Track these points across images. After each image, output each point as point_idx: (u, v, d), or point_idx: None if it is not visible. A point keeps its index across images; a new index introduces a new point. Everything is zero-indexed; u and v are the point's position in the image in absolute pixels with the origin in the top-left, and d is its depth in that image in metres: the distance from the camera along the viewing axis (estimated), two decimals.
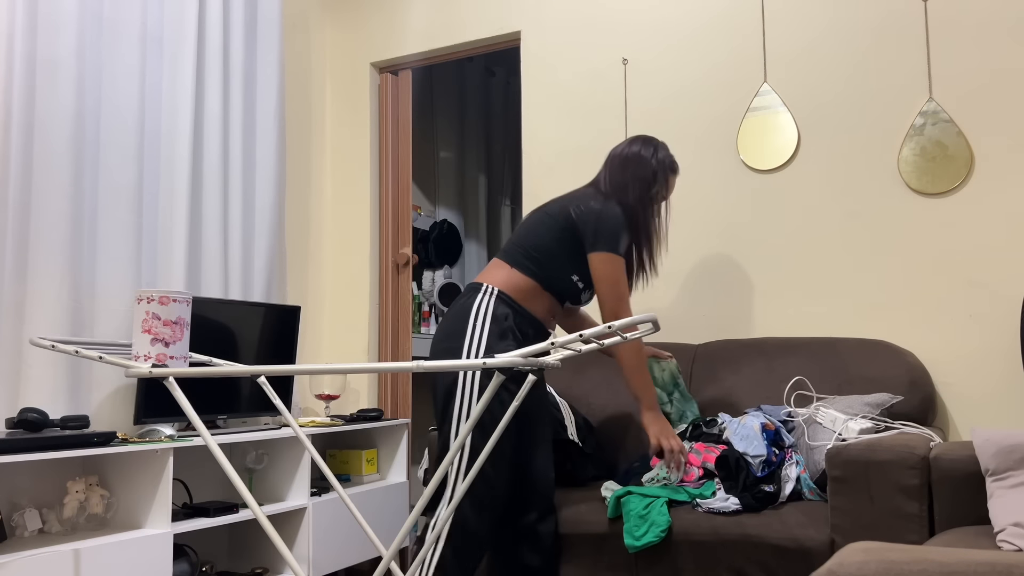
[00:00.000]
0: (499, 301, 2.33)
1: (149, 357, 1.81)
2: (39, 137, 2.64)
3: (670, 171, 2.50)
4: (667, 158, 2.50)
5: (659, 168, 2.46)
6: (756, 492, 2.29)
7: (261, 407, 3.15)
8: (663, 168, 2.47)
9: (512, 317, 2.32)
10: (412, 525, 1.69)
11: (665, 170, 2.48)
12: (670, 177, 2.50)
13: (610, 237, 2.35)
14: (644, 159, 2.46)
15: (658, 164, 2.46)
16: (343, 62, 4.05)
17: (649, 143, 2.50)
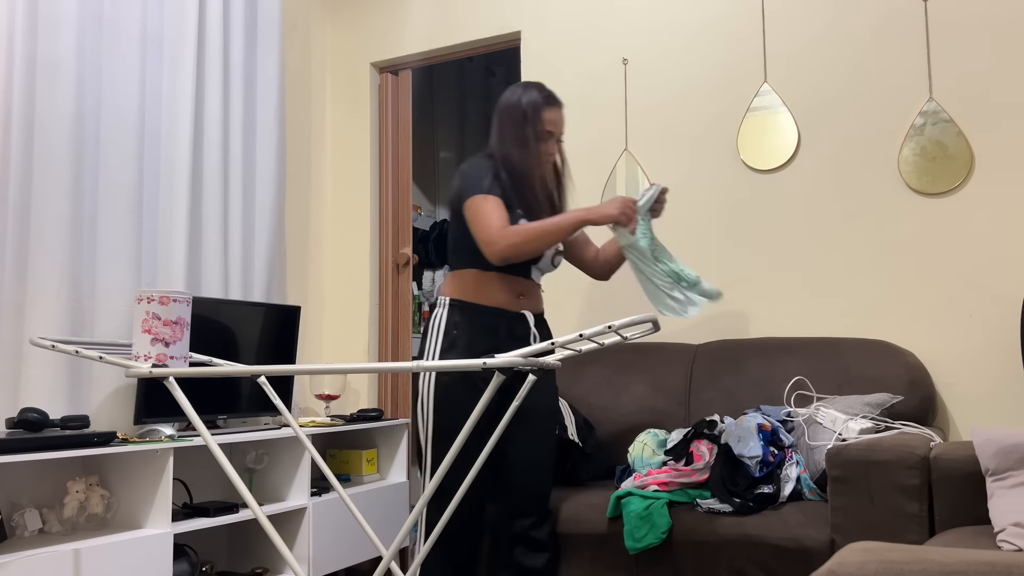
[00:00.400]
0: (450, 311, 2.35)
1: (149, 357, 1.81)
2: (39, 137, 2.64)
3: (542, 106, 2.40)
4: (536, 96, 2.42)
5: (528, 107, 2.39)
6: (752, 496, 2.28)
7: (261, 407, 3.15)
8: (532, 106, 2.40)
9: (461, 324, 2.32)
10: (412, 525, 1.69)
11: (535, 107, 2.40)
12: (543, 112, 2.40)
13: (470, 184, 2.33)
14: (512, 103, 2.42)
15: (527, 103, 2.40)
16: (343, 62, 4.04)
17: (519, 87, 2.45)
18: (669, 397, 2.88)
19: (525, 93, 2.43)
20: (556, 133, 2.43)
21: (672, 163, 3.24)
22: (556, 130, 2.43)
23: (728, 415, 2.74)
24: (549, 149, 2.43)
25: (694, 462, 2.43)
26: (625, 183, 3.32)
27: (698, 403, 2.83)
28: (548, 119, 2.41)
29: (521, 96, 2.43)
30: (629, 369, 2.99)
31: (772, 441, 2.41)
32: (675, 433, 2.63)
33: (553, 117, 2.43)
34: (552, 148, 2.44)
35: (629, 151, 3.32)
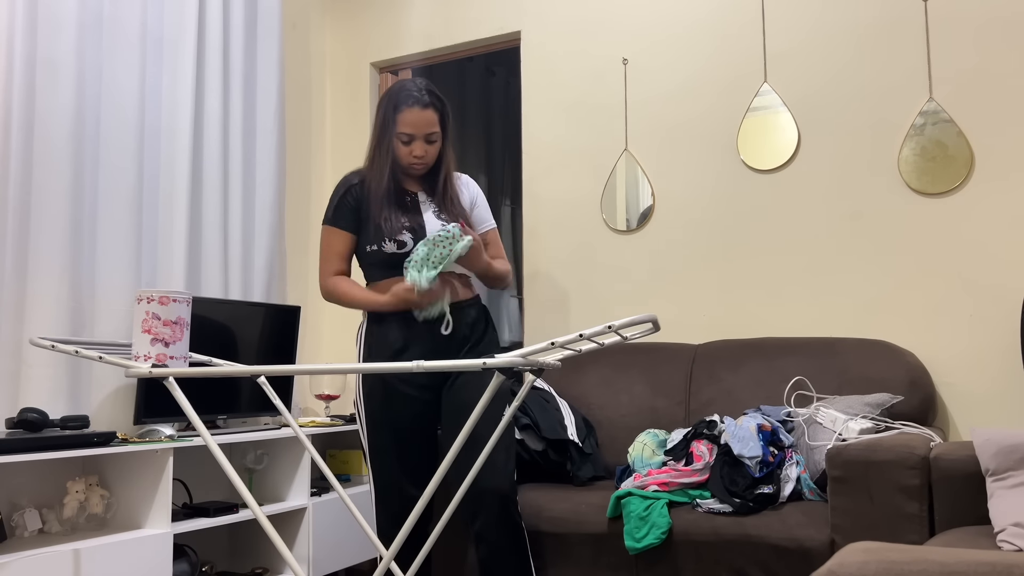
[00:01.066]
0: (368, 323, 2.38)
1: (149, 357, 1.81)
2: (39, 137, 2.64)
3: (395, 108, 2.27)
4: (394, 94, 2.29)
5: (385, 106, 2.30)
6: (752, 496, 2.28)
7: (261, 407, 3.15)
8: (387, 105, 2.29)
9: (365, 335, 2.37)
10: (412, 525, 1.69)
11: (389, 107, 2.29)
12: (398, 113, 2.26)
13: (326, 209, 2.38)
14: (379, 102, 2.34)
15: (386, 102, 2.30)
16: (343, 62, 4.04)
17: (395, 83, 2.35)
18: (669, 397, 2.88)
19: (391, 89, 2.32)
20: (417, 135, 2.28)
21: (672, 163, 3.24)
22: (416, 132, 2.27)
23: (728, 415, 2.74)
24: (414, 152, 2.29)
25: (694, 462, 2.43)
26: (625, 183, 3.32)
27: (698, 403, 2.83)
28: (403, 120, 2.26)
29: (386, 93, 2.33)
30: (629, 369, 2.99)
31: (772, 441, 2.41)
32: (675, 433, 2.63)
33: (410, 118, 2.26)
34: (418, 151, 2.29)
35: (629, 151, 3.32)
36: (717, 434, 2.46)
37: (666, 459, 2.54)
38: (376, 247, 2.31)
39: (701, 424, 2.54)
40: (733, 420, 2.49)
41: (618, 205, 3.33)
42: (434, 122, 2.29)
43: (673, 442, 2.57)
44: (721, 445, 2.42)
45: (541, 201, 3.50)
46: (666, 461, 2.53)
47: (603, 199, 3.35)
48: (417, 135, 2.28)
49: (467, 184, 2.52)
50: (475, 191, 2.52)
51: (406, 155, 2.31)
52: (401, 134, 2.28)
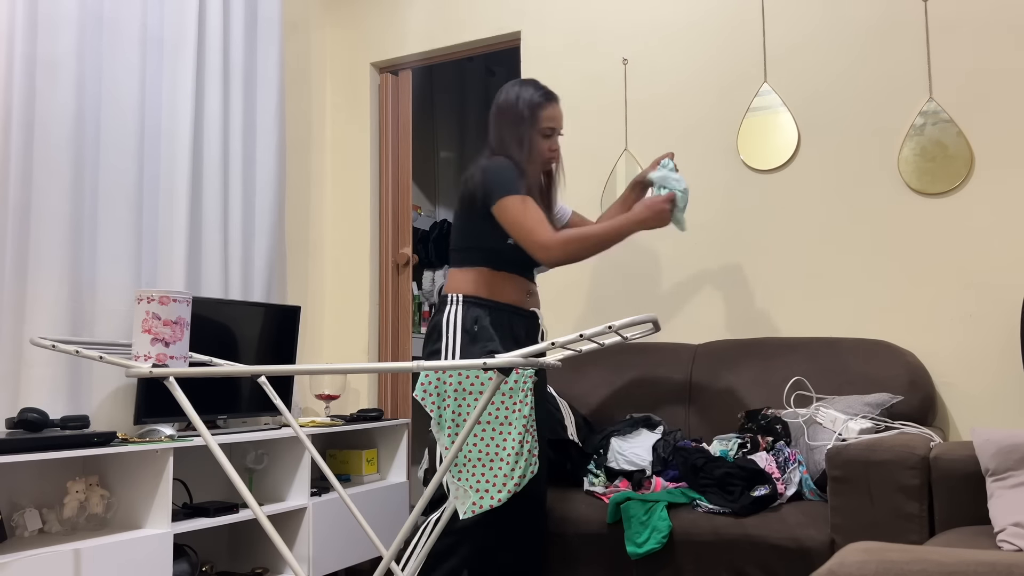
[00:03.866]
0: (467, 306, 2.30)
1: (149, 357, 1.81)
2: (39, 137, 2.64)
3: (538, 105, 2.39)
4: (532, 95, 2.40)
5: (525, 107, 2.39)
6: (749, 500, 2.28)
7: (261, 407, 3.15)
8: (529, 105, 2.39)
9: (483, 318, 2.29)
10: (412, 525, 1.69)
11: (532, 106, 2.39)
12: (540, 110, 2.39)
13: (499, 185, 2.28)
14: (509, 104, 2.40)
15: (524, 104, 2.39)
16: (343, 62, 4.04)
17: (515, 85, 2.43)
18: (669, 397, 2.88)
19: (522, 91, 2.41)
20: (556, 129, 2.42)
21: None
22: (556, 126, 2.42)
23: (728, 415, 2.75)
24: (551, 146, 2.42)
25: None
26: (625, 183, 3.32)
27: (698, 403, 2.83)
28: (547, 116, 2.40)
29: (519, 94, 2.41)
30: (629, 369, 2.99)
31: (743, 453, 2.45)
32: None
33: (552, 113, 2.41)
34: (554, 145, 2.43)
35: (629, 151, 3.32)
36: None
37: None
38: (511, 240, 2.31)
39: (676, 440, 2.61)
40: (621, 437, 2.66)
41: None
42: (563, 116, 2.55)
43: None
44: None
45: None
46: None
47: (603, 199, 3.35)
48: (558, 129, 2.42)
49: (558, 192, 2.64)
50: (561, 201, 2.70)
51: (545, 149, 2.42)
52: (545, 128, 2.40)
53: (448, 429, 2.19)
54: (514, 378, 2.17)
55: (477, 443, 2.17)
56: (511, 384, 2.17)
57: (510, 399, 2.16)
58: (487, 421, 2.16)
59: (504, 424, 2.15)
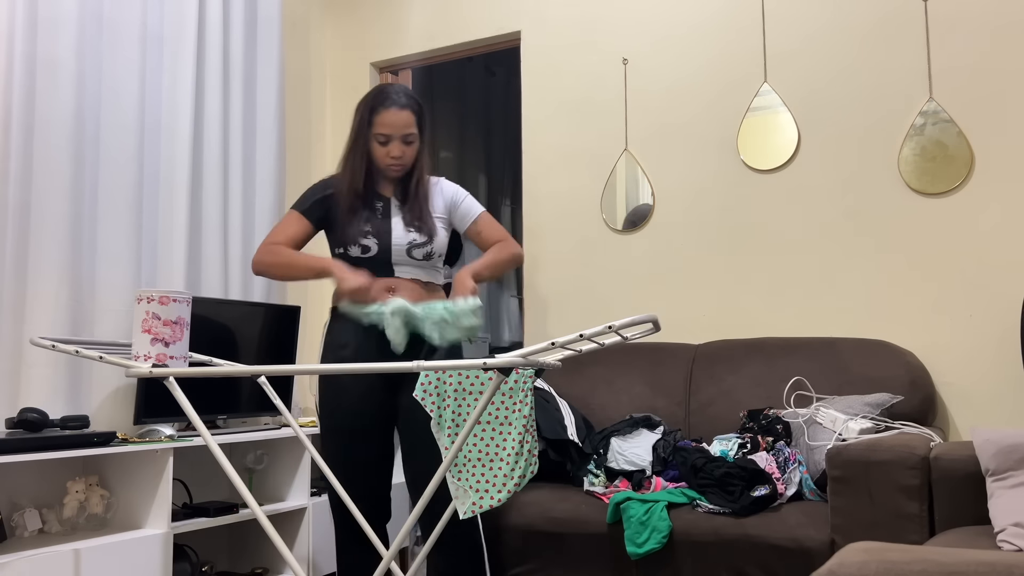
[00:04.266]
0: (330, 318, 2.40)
1: (149, 357, 1.81)
2: (39, 137, 2.64)
3: (372, 110, 2.31)
4: (371, 96, 2.34)
5: (361, 108, 2.34)
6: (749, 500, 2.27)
7: (261, 407, 3.15)
8: (364, 107, 2.33)
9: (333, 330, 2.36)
10: (412, 525, 1.69)
11: (366, 109, 2.33)
12: (374, 115, 2.31)
13: (298, 199, 2.42)
14: (355, 112, 2.37)
15: (362, 105, 2.34)
16: (343, 62, 4.04)
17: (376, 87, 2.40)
18: (669, 397, 2.88)
19: (368, 93, 2.37)
20: (394, 136, 2.31)
21: (672, 163, 3.24)
22: (391, 132, 2.30)
23: (728, 415, 2.75)
24: (390, 152, 2.32)
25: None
26: (625, 183, 3.32)
27: (698, 403, 2.83)
28: (379, 122, 2.30)
29: (363, 97, 2.37)
30: (629, 369, 2.99)
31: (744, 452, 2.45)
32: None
33: (386, 119, 2.30)
34: (395, 152, 2.32)
35: (629, 151, 3.32)
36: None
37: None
38: (342, 250, 2.34)
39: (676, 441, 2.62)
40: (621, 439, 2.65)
41: (618, 205, 3.33)
42: (411, 123, 2.32)
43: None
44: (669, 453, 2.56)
45: (541, 201, 3.50)
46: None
47: (603, 199, 3.35)
48: (394, 135, 2.30)
49: (443, 189, 2.48)
50: (452, 192, 2.49)
51: (383, 156, 2.33)
52: (379, 135, 2.31)
53: (448, 429, 2.19)
54: (514, 378, 2.17)
55: (477, 443, 2.17)
56: (511, 384, 2.17)
57: (510, 399, 2.16)
58: (487, 421, 2.16)
59: (504, 424, 2.16)
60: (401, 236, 2.33)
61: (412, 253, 2.35)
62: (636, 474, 2.54)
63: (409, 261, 2.36)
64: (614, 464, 2.60)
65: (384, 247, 2.32)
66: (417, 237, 2.36)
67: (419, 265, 2.38)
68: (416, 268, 2.38)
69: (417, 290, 2.36)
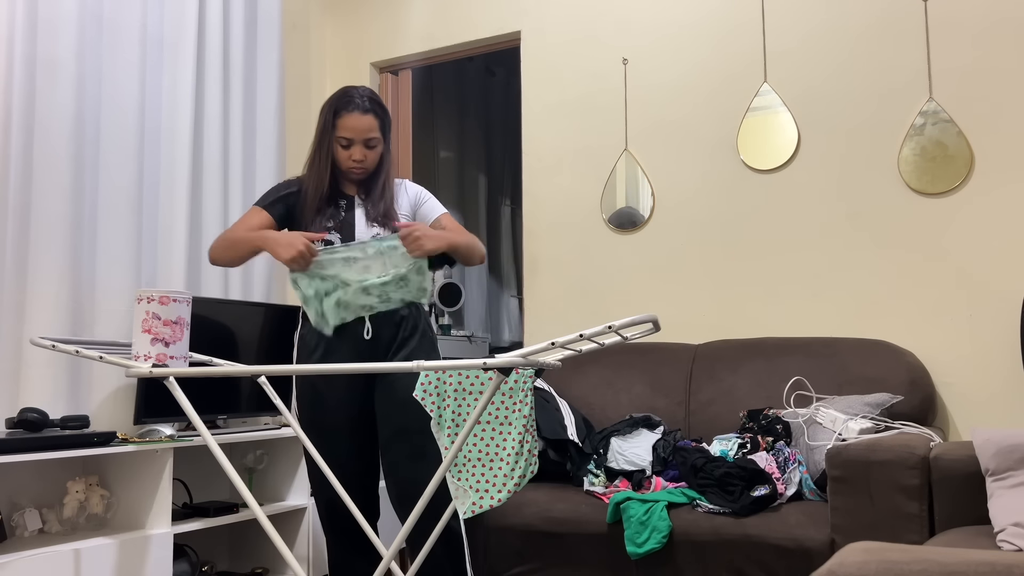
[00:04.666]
0: (302, 321, 2.37)
1: (149, 357, 1.81)
2: (39, 137, 2.64)
3: (334, 113, 2.32)
4: (334, 99, 2.35)
5: (325, 111, 2.35)
6: (749, 500, 2.28)
7: (261, 407, 3.15)
8: (327, 110, 2.35)
9: (306, 334, 2.34)
10: (412, 525, 1.69)
11: (328, 112, 2.34)
12: (338, 118, 2.31)
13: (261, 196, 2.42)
14: (320, 113, 2.37)
15: (325, 107, 2.36)
16: (343, 62, 4.04)
17: (341, 88, 2.38)
18: (669, 397, 2.88)
19: (333, 95, 2.37)
20: (356, 140, 2.31)
21: (672, 163, 3.24)
22: (352, 136, 2.31)
23: (728, 415, 2.75)
24: (352, 155, 2.32)
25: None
26: (625, 183, 3.32)
27: (698, 403, 2.83)
28: (341, 125, 2.31)
29: (327, 99, 2.38)
30: (629, 369, 2.99)
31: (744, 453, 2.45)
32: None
33: (347, 123, 2.31)
34: (357, 155, 2.32)
35: (629, 151, 3.32)
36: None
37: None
38: None
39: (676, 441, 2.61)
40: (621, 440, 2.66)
41: (618, 205, 3.33)
42: (373, 127, 2.32)
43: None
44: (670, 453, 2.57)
45: (541, 201, 3.50)
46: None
47: (603, 199, 3.35)
48: (356, 139, 2.31)
49: (407, 189, 2.48)
50: (416, 192, 2.50)
51: (345, 159, 2.34)
52: (340, 138, 2.32)
53: (448, 429, 2.19)
54: (514, 378, 2.17)
55: (477, 443, 2.17)
56: (511, 384, 2.17)
57: (510, 399, 2.16)
58: (487, 421, 2.16)
59: (504, 424, 2.16)
60: (364, 231, 2.34)
61: None
62: (636, 474, 2.54)
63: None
64: (614, 464, 2.60)
65: (347, 241, 2.32)
66: (380, 232, 2.35)
67: None
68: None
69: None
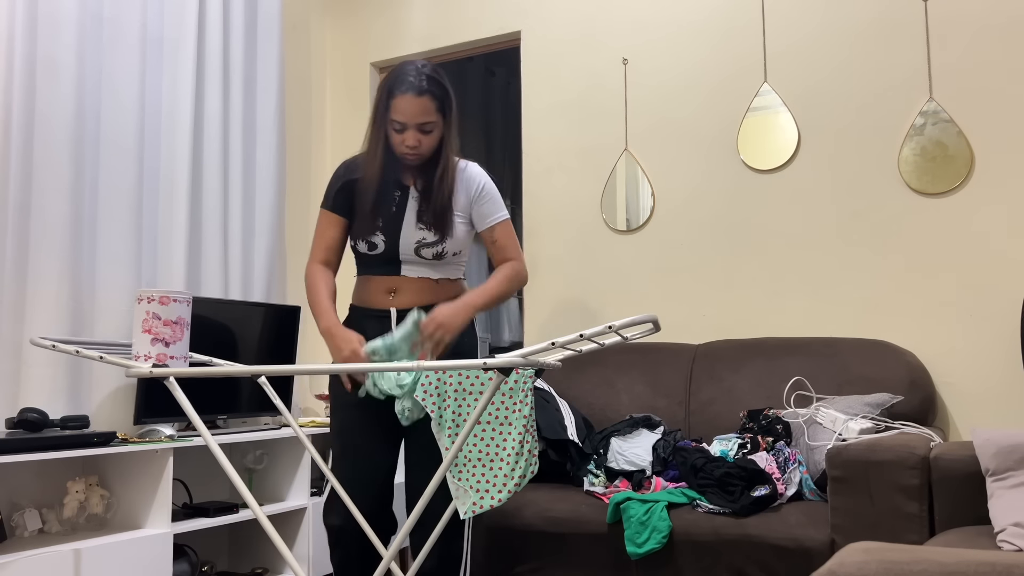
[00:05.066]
0: (347, 316, 2.32)
1: (149, 357, 1.81)
2: (39, 137, 2.64)
3: (388, 95, 2.13)
4: (390, 79, 2.15)
5: (380, 92, 2.17)
6: (750, 500, 2.27)
7: (261, 407, 3.15)
8: (382, 91, 2.15)
9: (348, 321, 2.29)
10: (412, 525, 1.69)
11: (383, 94, 2.15)
12: (392, 99, 2.11)
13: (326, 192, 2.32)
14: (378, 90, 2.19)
15: (380, 88, 2.17)
16: (343, 62, 4.04)
17: (397, 67, 2.18)
18: (669, 397, 2.88)
19: (390, 74, 2.17)
20: (409, 124, 2.12)
21: (672, 163, 3.24)
22: (405, 120, 2.11)
23: (728, 415, 2.75)
24: (405, 141, 2.14)
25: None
26: (625, 183, 3.32)
27: (698, 403, 2.83)
28: (394, 108, 2.11)
29: (384, 78, 2.19)
30: (629, 369, 2.99)
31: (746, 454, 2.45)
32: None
33: (400, 105, 2.10)
34: (410, 140, 2.14)
35: (629, 151, 3.32)
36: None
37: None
38: (353, 244, 2.28)
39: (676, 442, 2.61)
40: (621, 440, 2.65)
41: (618, 205, 3.33)
42: (430, 111, 2.12)
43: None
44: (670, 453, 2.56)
45: (541, 201, 3.50)
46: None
47: (603, 199, 3.35)
48: (409, 124, 2.11)
49: (469, 178, 2.29)
50: (477, 184, 2.30)
51: (399, 144, 2.16)
52: (394, 122, 2.13)
53: (448, 430, 2.19)
54: (514, 378, 2.17)
55: (477, 443, 2.17)
56: (511, 384, 2.16)
57: (510, 399, 2.16)
58: (487, 421, 2.16)
59: (504, 424, 2.15)
60: (410, 235, 2.22)
61: (421, 253, 2.24)
62: (636, 474, 2.54)
63: (418, 260, 2.25)
64: (614, 464, 2.60)
65: (392, 246, 2.22)
66: (427, 236, 2.23)
67: (429, 264, 2.27)
68: (425, 267, 2.26)
69: (425, 290, 2.26)
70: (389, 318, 2.24)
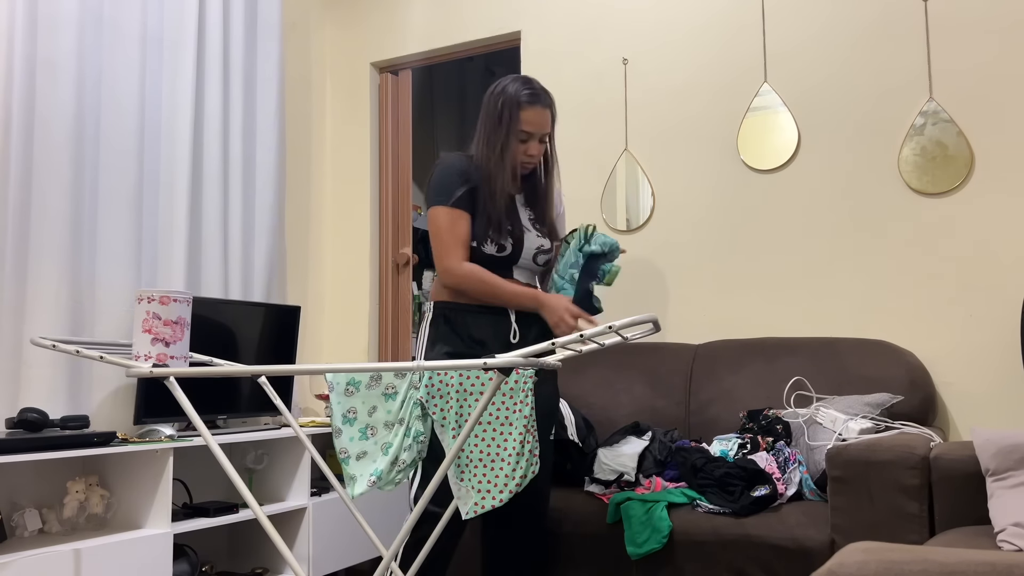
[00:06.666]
0: (435, 315, 2.31)
1: (150, 357, 1.81)
2: (39, 137, 2.64)
3: (517, 106, 2.25)
4: (515, 93, 2.26)
5: (505, 104, 2.26)
6: (749, 500, 2.27)
7: (261, 407, 3.15)
8: (508, 104, 2.26)
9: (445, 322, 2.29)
10: (412, 525, 1.69)
11: (511, 106, 2.25)
12: (518, 111, 2.25)
13: (434, 191, 2.28)
14: (492, 98, 2.29)
15: (505, 100, 2.26)
16: (343, 62, 4.04)
17: (507, 80, 2.31)
18: (669, 397, 2.88)
19: (509, 86, 2.29)
20: (535, 134, 2.29)
21: (672, 163, 3.24)
22: (534, 130, 2.28)
23: (728, 415, 2.75)
24: (528, 151, 2.30)
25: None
26: (625, 183, 3.32)
27: (698, 403, 2.83)
28: (525, 119, 2.26)
29: (504, 89, 2.29)
30: (629, 369, 2.99)
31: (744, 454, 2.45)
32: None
33: (531, 117, 2.26)
34: (532, 150, 2.30)
35: (629, 151, 3.32)
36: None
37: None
38: (475, 244, 2.28)
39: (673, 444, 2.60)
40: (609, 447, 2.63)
41: (618, 205, 3.33)
42: (549, 122, 2.32)
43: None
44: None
45: None
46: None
47: (603, 199, 3.35)
48: (535, 134, 2.28)
49: (559, 194, 2.50)
50: (562, 203, 2.52)
51: (520, 153, 2.29)
52: (521, 132, 2.27)
53: (452, 431, 2.19)
54: (515, 378, 2.17)
55: (478, 443, 2.17)
56: (512, 384, 2.17)
57: (511, 399, 2.16)
58: (488, 421, 2.16)
59: (505, 424, 2.15)
60: (533, 241, 2.33)
61: (537, 259, 2.36)
62: (619, 480, 2.54)
63: (531, 266, 2.35)
64: (600, 475, 2.59)
65: (517, 250, 2.30)
66: (545, 243, 2.36)
67: (536, 270, 2.39)
68: (530, 272, 2.38)
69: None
70: (507, 315, 2.30)
